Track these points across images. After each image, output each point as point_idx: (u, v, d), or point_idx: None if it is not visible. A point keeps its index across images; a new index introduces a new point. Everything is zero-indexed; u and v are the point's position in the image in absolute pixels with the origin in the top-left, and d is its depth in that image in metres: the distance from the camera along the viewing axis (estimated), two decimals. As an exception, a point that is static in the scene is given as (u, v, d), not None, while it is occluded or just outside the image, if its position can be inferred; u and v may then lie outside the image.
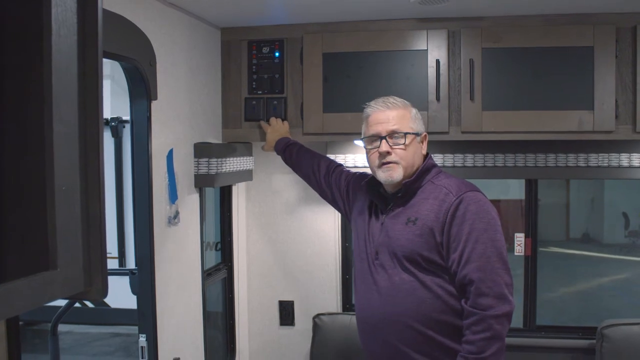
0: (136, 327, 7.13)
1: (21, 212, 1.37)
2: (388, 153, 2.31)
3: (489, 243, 2.17)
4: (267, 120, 3.11)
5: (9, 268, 1.34)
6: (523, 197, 9.01)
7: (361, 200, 2.51)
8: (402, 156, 2.32)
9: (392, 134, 2.32)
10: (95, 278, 1.55)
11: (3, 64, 1.32)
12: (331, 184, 2.75)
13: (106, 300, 6.63)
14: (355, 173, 2.72)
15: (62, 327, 4.78)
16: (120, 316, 6.90)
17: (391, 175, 2.32)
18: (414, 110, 2.40)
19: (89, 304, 6.62)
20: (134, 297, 2.60)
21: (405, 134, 2.32)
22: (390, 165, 2.31)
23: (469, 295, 2.16)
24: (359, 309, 2.43)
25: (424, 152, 2.39)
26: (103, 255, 1.55)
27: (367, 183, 2.45)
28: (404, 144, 2.32)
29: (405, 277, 2.25)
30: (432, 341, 2.23)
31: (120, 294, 3.20)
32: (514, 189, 9.18)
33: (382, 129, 2.33)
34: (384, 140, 2.32)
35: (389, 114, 2.35)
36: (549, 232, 10.47)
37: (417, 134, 2.35)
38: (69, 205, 1.43)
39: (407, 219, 2.28)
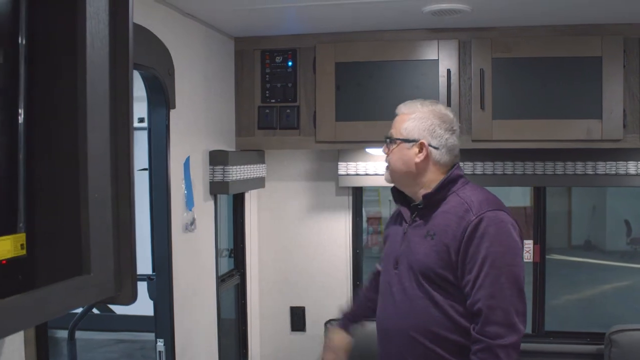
0: (140, 334, 7.08)
1: (56, 218, 1.42)
2: (386, 155, 2.34)
3: (504, 268, 2.08)
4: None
5: (44, 272, 1.38)
6: (526, 204, 9.01)
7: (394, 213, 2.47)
8: (389, 161, 2.32)
9: (387, 138, 2.34)
10: (125, 283, 1.59)
11: (39, 74, 1.37)
12: None
13: (110, 306, 6.66)
14: None
15: (66, 334, 4.81)
16: (125, 322, 6.92)
17: (385, 177, 2.35)
18: (415, 115, 2.27)
19: (94, 309, 6.64)
20: (140, 304, 2.61)
21: (391, 139, 2.31)
22: (386, 168, 2.34)
23: (478, 321, 2.09)
24: (377, 315, 2.42)
25: (418, 160, 2.24)
26: (133, 261, 1.59)
27: (393, 192, 2.40)
28: (389, 148, 2.32)
29: (418, 293, 2.20)
30: (439, 358, 2.19)
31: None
32: (515, 197, 9.21)
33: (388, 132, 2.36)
34: (385, 144, 2.35)
35: (395, 118, 2.35)
36: (551, 240, 10.47)
37: (406, 141, 2.26)
38: (101, 212, 1.48)
39: (426, 232, 2.22)
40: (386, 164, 2.34)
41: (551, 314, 3.56)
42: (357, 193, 3.55)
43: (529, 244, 3.39)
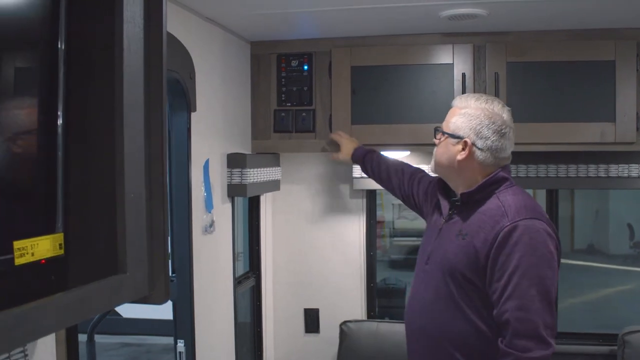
0: (146, 337, 7.07)
1: (93, 218, 1.45)
2: (436, 145, 2.32)
3: (536, 280, 2.01)
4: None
5: (80, 272, 1.41)
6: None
7: (434, 198, 2.44)
8: (435, 152, 2.31)
9: (436, 128, 2.32)
10: (158, 282, 1.62)
11: (77, 77, 1.39)
12: (413, 191, 2.68)
13: (117, 309, 6.68)
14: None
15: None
16: (131, 326, 6.94)
17: (430, 166, 2.35)
18: (465, 111, 2.22)
19: (100, 313, 6.63)
20: (146, 307, 2.62)
21: (439, 131, 2.30)
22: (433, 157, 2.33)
23: (506, 334, 2.02)
24: (406, 311, 2.39)
25: (460, 158, 2.20)
26: (165, 260, 1.62)
27: (438, 181, 2.39)
28: (438, 139, 2.30)
29: (443, 293, 2.17)
30: None
31: (131, 304, 3.25)
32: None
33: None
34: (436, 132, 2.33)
35: (450, 110, 2.32)
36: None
37: (451, 136, 2.22)
38: (136, 212, 1.50)
39: (459, 232, 2.18)
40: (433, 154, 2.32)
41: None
42: (371, 196, 3.58)
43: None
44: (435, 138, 2.30)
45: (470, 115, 2.20)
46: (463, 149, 2.20)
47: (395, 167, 2.81)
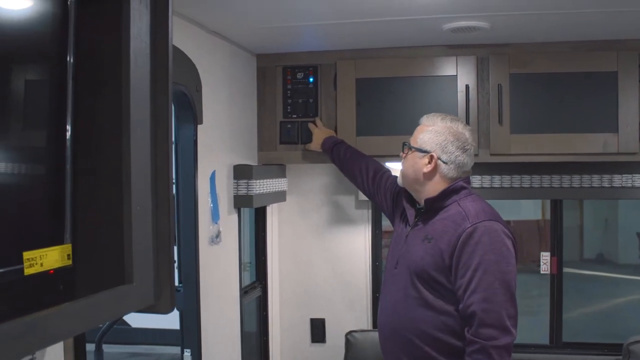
0: (154, 347, 7.05)
1: (100, 230, 1.48)
2: (402, 158, 2.51)
3: (497, 274, 2.19)
4: (311, 126, 3.24)
5: (87, 282, 1.44)
6: (537, 217, 8.93)
7: (400, 208, 2.60)
8: (402, 165, 2.50)
9: (404, 143, 2.51)
10: (163, 292, 1.65)
11: (85, 91, 1.43)
12: (379, 189, 2.81)
13: (126, 319, 6.70)
14: None
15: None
16: (140, 336, 6.95)
17: (398, 179, 2.55)
18: (432, 128, 2.42)
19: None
20: (154, 317, 2.64)
21: (406, 146, 2.48)
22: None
23: (473, 324, 2.19)
24: (378, 313, 2.55)
25: (426, 170, 2.38)
26: (171, 271, 1.65)
27: (404, 191, 2.54)
28: (405, 153, 2.49)
29: (412, 293, 2.33)
30: (429, 358, 2.30)
31: (139, 313, 3.27)
32: (526, 210, 9.23)
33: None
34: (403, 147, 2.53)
35: (417, 127, 2.51)
36: (563, 253, 10.43)
37: (419, 150, 2.42)
38: (142, 224, 1.54)
39: (425, 236, 2.35)
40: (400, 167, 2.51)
41: (565, 327, 3.59)
42: (376, 206, 3.60)
43: (546, 256, 3.44)
44: (402, 152, 2.49)
45: (437, 132, 2.41)
46: (429, 162, 2.40)
47: (361, 164, 2.93)
